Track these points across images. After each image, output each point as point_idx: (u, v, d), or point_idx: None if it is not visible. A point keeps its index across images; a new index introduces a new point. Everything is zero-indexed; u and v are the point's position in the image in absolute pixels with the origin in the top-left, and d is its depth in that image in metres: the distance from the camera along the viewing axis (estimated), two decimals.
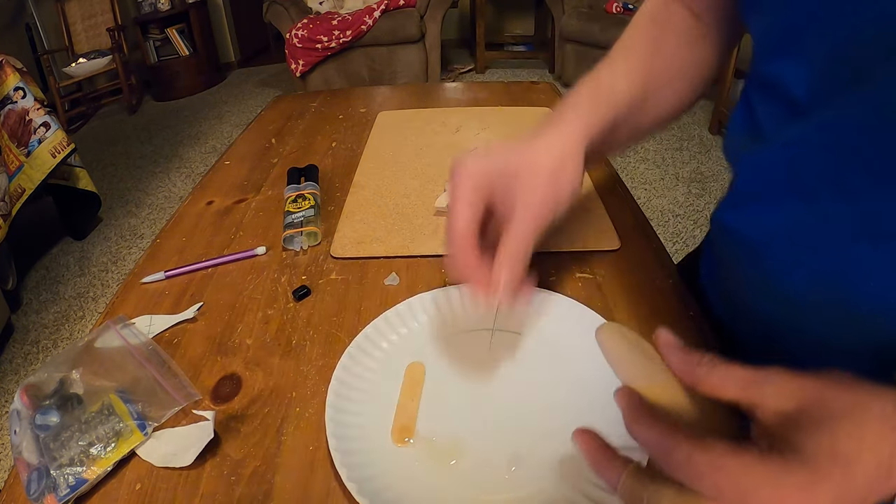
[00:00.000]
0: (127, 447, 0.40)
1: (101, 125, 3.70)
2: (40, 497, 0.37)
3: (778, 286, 0.39)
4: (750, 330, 0.46)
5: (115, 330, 0.50)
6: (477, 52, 3.89)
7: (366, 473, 0.37)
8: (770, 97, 0.38)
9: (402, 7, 3.29)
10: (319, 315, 0.52)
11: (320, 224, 0.65)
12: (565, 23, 3.30)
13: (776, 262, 0.38)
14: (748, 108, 0.41)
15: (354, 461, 0.37)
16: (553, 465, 0.37)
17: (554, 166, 0.39)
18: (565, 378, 0.43)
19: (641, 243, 0.60)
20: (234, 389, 0.46)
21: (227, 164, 0.85)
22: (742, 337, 0.48)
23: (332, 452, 0.38)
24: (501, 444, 0.39)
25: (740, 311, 0.47)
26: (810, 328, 0.39)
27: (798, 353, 0.40)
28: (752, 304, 0.44)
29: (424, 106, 0.99)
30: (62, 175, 2.17)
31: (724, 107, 2.69)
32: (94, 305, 2.01)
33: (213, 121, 3.56)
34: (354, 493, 0.35)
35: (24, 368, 1.77)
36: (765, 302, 0.42)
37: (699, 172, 2.51)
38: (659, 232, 1.64)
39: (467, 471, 0.38)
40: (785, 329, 0.41)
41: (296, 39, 3.18)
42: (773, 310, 0.41)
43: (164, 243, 0.66)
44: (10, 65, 1.98)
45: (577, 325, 0.46)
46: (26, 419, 0.42)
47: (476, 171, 0.39)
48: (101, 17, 3.67)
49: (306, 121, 0.98)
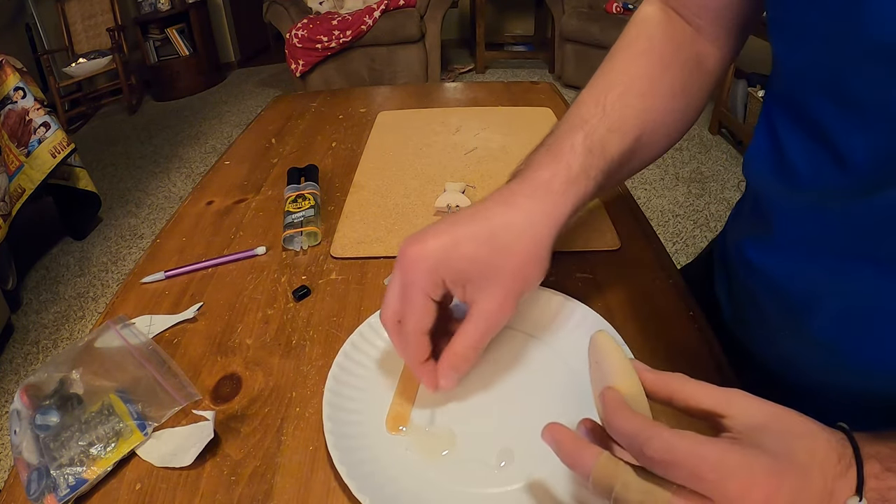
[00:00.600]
0: (127, 447, 0.40)
1: (101, 125, 3.70)
2: (40, 497, 0.37)
3: (799, 325, 0.39)
4: (763, 351, 0.46)
5: (115, 330, 0.50)
6: (477, 52, 3.89)
7: (364, 470, 0.37)
8: (808, 137, 0.34)
9: (402, 7, 3.29)
10: (319, 315, 0.52)
11: (320, 224, 0.65)
12: (565, 23, 3.30)
13: (799, 304, 0.38)
14: (773, 135, 0.37)
15: (353, 458, 0.37)
16: (544, 460, 0.37)
17: (525, 258, 0.36)
18: (558, 374, 0.44)
19: (641, 243, 0.60)
20: (234, 389, 0.46)
21: (227, 164, 0.85)
22: (749, 346, 0.48)
23: (329, 449, 0.38)
24: (493, 439, 0.39)
25: (757, 337, 0.47)
26: (822, 365, 0.39)
27: (804, 381, 0.41)
28: (771, 336, 0.44)
29: (424, 106, 0.99)
30: (62, 175, 2.17)
31: (724, 107, 2.70)
32: (94, 305, 2.01)
33: (213, 121, 3.56)
34: (355, 491, 0.35)
35: (24, 368, 1.77)
36: (785, 336, 0.42)
37: (699, 172, 2.51)
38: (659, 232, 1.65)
39: (459, 463, 0.38)
40: (800, 360, 0.41)
41: (296, 39, 3.18)
42: (792, 346, 0.41)
43: (164, 243, 0.66)
44: (10, 65, 1.98)
45: (572, 322, 0.47)
46: (26, 419, 0.42)
47: (433, 257, 0.35)
48: (101, 17, 3.67)
49: (306, 121, 0.98)
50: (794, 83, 0.35)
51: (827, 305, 0.36)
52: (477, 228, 0.36)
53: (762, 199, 0.41)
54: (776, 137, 0.37)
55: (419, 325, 0.37)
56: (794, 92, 0.35)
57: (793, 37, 0.33)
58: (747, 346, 0.48)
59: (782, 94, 0.37)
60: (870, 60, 0.27)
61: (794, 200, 0.37)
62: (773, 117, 0.38)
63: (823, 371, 0.40)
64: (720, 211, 2.22)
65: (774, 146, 0.37)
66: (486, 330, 0.37)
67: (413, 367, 0.39)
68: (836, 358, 0.38)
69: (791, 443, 0.26)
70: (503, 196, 0.37)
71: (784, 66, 0.36)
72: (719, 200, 2.30)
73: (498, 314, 0.36)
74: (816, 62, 0.32)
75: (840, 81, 0.30)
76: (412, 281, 0.36)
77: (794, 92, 0.35)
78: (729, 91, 2.67)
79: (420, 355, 0.38)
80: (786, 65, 0.36)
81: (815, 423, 0.27)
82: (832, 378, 0.39)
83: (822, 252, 0.36)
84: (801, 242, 0.37)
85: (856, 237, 0.33)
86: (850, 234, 0.33)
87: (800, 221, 0.37)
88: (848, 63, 0.29)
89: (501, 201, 0.37)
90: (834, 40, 0.29)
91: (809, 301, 0.38)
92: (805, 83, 0.34)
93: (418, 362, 0.38)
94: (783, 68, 0.36)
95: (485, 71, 3.97)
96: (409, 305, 0.36)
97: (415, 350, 0.37)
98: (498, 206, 0.37)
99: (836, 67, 0.30)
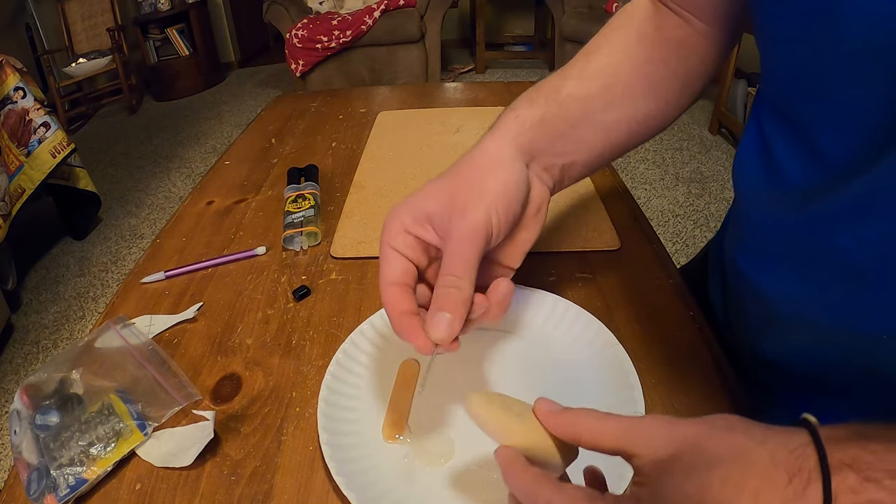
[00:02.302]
0: (127, 447, 0.40)
1: (101, 125, 3.70)
2: (40, 497, 0.37)
3: (785, 336, 0.39)
4: (755, 352, 0.46)
5: (115, 330, 0.50)
6: (477, 52, 3.89)
7: (355, 468, 0.37)
8: (792, 137, 0.34)
9: (402, 7, 3.29)
10: (319, 315, 0.52)
11: (320, 224, 0.65)
12: (565, 23, 3.30)
13: (785, 314, 0.38)
14: (761, 136, 0.37)
15: (351, 469, 0.37)
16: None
17: (483, 173, 0.36)
18: (557, 380, 0.43)
19: (641, 243, 0.60)
20: (234, 389, 0.46)
21: (227, 164, 0.85)
22: (747, 347, 0.48)
23: (322, 447, 0.38)
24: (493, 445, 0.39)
25: (745, 342, 0.47)
26: (812, 373, 0.39)
27: (800, 372, 0.40)
28: (758, 342, 0.44)
29: (424, 106, 0.99)
30: (62, 175, 2.17)
31: (724, 107, 2.69)
32: (94, 305, 2.01)
33: (213, 121, 3.55)
34: (343, 488, 0.35)
35: (24, 368, 1.77)
36: (770, 343, 0.42)
37: (699, 172, 2.51)
38: (659, 232, 1.65)
39: (458, 471, 0.38)
40: (790, 368, 0.41)
41: (296, 39, 3.18)
42: (779, 351, 0.41)
43: (164, 243, 0.66)
44: (10, 65, 1.98)
45: (572, 327, 0.46)
46: (26, 419, 0.42)
47: (397, 209, 0.36)
48: (101, 17, 3.67)
49: (306, 121, 0.98)
50: (778, 84, 0.35)
51: (811, 318, 0.35)
52: (440, 177, 0.37)
53: (750, 207, 0.41)
54: (764, 139, 0.37)
55: (386, 276, 0.35)
56: (779, 92, 0.35)
57: (775, 37, 0.33)
58: (737, 349, 0.48)
59: (769, 95, 0.37)
60: (850, 59, 0.27)
61: (780, 207, 0.36)
62: (762, 119, 0.37)
63: (802, 386, 0.40)
64: (720, 211, 2.22)
65: (763, 148, 0.37)
66: (464, 256, 0.33)
67: (392, 321, 0.35)
68: (823, 364, 0.37)
69: (703, 479, 0.22)
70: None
71: (768, 67, 0.36)
72: (719, 200, 2.30)
73: (472, 235, 0.33)
74: (798, 62, 0.32)
75: (820, 80, 0.30)
76: (381, 239, 0.36)
77: (779, 92, 0.35)
78: (729, 91, 2.66)
79: (393, 306, 0.35)
80: (770, 65, 0.36)
81: (750, 435, 0.23)
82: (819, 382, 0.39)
83: (804, 263, 0.35)
84: (783, 252, 0.37)
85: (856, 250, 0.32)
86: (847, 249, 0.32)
87: (783, 230, 0.36)
88: (828, 62, 0.29)
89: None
90: (815, 40, 0.29)
91: (793, 311, 0.37)
92: (788, 83, 0.34)
93: (394, 314, 0.34)
94: (768, 69, 0.36)
95: (485, 71, 3.97)
96: (380, 261, 0.36)
97: (387, 300, 0.35)
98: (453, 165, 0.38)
99: (816, 67, 0.30)
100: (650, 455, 0.25)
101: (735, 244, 0.44)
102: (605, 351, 0.44)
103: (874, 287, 0.30)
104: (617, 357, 0.43)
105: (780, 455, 0.22)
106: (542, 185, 0.39)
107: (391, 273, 0.35)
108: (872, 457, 0.21)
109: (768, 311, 0.39)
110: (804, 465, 0.21)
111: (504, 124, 0.40)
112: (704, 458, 0.23)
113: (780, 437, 0.23)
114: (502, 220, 0.35)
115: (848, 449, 0.21)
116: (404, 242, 0.35)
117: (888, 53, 0.25)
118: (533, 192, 0.38)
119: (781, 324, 0.39)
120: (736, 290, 0.46)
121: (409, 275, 0.36)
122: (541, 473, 0.27)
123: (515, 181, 0.36)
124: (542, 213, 0.39)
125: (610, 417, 0.27)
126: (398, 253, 0.35)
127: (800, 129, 0.33)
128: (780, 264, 0.37)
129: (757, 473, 0.22)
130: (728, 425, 0.24)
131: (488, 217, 0.34)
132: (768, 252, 0.39)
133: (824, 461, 0.21)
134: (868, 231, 0.29)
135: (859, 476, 0.20)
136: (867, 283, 0.30)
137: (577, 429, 0.28)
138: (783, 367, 0.41)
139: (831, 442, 0.22)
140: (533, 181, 0.38)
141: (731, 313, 0.49)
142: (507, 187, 0.35)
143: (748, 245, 0.41)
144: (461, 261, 0.33)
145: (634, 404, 0.39)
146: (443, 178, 0.37)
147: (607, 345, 0.44)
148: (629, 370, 0.41)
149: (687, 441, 0.24)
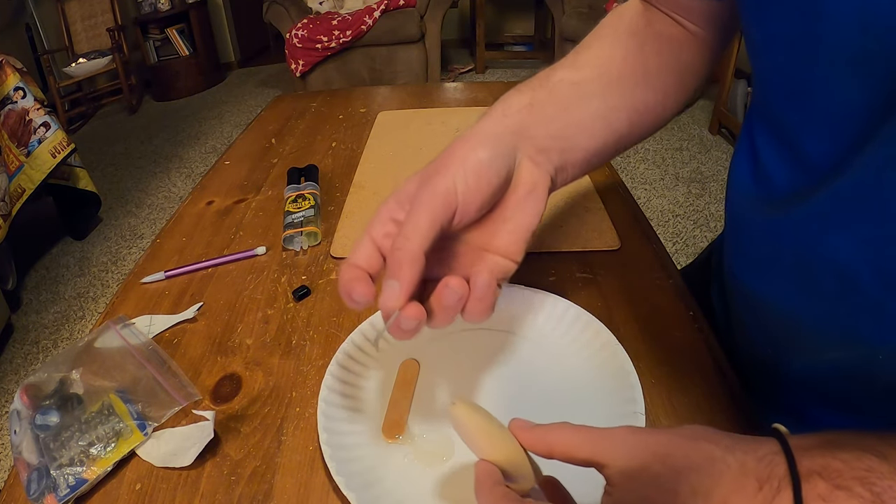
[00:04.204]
0: (127, 447, 0.40)
1: (101, 125, 3.70)
2: (40, 497, 0.37)
3: (782, 343, 0.39)
4: (756, 358, 0.46)
5: (115, 330, 0.50)
6: (477, 52, 3.89)
7: (355, 468, 0.37)
8: (779, 143, 0.34)
9: (402, 7, 3.29)
10: (319, 315, 0.52)
11: (320, 224, 0.65)
12: (565, 23, 3.30)
13: (782, 322, 0.37)
14: (752, 143, 0.37)
15: (350, 469, 0.37)
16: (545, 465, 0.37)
17: (456, 149, 0.34)
18: (557, 380, 0.43)
19: (641, 243, 0.60)
20: (234, 389, 0.46)
21: (227, 164, 0.85)
22: (747, 352, 0.48)
23: (322, 447, 0.38)
24: None
25: (745, 348, 0.47)
26: (810, 381, 0.39)
27: (799, 379, 0.40)
28: (758, 348, 0.44)
29: (424, 106, 0.99)
30: (62, 175, 2.17)
31: (724, 107, 2.69)
32: (94, 305, 2.01)
33: (213, 121, 3.55)
34: (343, 488, 0.35)
35: (24, 368, 1.77)
36: (769, 350, 0.42)
37: (699, 172, 2.51)
38: (659, 232, 1.65)
39: (458, 471, 0.38)
40: (789, 375, 0.41)
41: (296, 39, 3.18)
42: (777, 358, 0.41)
43: (164, 243, 0.66)
44: (10, 65, 1.98)
45: (572, 327, 0.46)
46: (26, 419, 0.42)
47: (392, 199, 0.35)
48: (101, 17, 3.67)
49: (306, 121, 0.98)
50: (764, 88, 0.35)
51: (807, 325, 0.35)
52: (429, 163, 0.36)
53: (741, 213, 0.41)
54: (753, 144, 0.37)
55: (349, 258, 0.34)
56: (765, 97, 0.35)
57: (758, 42, 0.34)
58: (738, 354, 0.48)
59: (757, 101, 0.37)
60: (830, 65, 0.27)
61: (768, 212, 0.36)
62: (752, 124, 0.38)
63: (802, 393, 0.40)
64: (720, 211, 2.22)
65: (752, 153, 0.37)
66: (415, 219, 0.31)
67: (340, 288, 0.33)
68: (808, 391, 0.37)
69: (672, 485, 0.22)
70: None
71: (755, 72, 0.36)
72: (719, 200, 2.30)
73: (430, 199, 0.32)
74: (780, 67, 0.32)
75: (803, 85, 0.30)
76: (368, 228, 0.35)
77: (765, 97, 0.35)
78: (729, 91, 2.66)
79: (343, 279, 0.33)
80: (757, 71, 0.36)
81: (720, 444, 0.24)
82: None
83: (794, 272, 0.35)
84: (775, 259, 0.37)
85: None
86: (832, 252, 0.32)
87: (773, 236, 0.36)
88: (809, 68, 0.29)
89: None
90: (795, 46, 0.29)
91: (790, 325, 0.37)
92: (772, 88, 0.34)
93: (341, 281, 0.32)
94: (755, 74, 0.36)
95: (485, 71, 3.97)
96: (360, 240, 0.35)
97: (340, 276, 0.33)
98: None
99: (798, 72, 0.30)
100: (619, 465, 0.25)
101: (731, 251, 0.44)
102: (604, 351, 0.44)
103: (868, 295, 0.29)
104: (617, 357, 0.43)
105: (750, 463, 0.22)
106: (536, 168, 0.37)
107: (353, 256, 0.34)
108: (842, 465, 0.21)
109: (765, 318, 0.39)
110: (774, 472, 0.21)
111: (491, 110, 0.40)
112: (673, 467, 0.23)
113: (749, 446, 0.23)
114: (471, 188, 0.32)
115: (817, 457, 0.21)
116: (383, 231, 0.34)
117: (868, 59, 0.25)
118: (522, 172, 0.36)
119: (779, 332, 0.39)
120: (735, 298, 0.46)
121: (372, 261, 0.34)
122: (506, 492, 0.27)
123: (491, 153, 0.34)
124: (539, 196, 0.36)
125: (581, 430, 0.27)
126: (371, 240, 0.34)
127: (785, 133, 0.33)
128: (774, 272, 0.37)
129: (727, 481, 0.21)
130: (695, 434, 0.25)
131: (452, 183, 0.32)
132: (762, 260, 0.39)
133: (794, 468, 0.21)
134: (856, 235, 0.29)
135: (829, 484, 0.20)
136: (861, 290, 0.30)
137: (548, 442, 0.28)
138: (783, 373, 0.41)
139: (800, 450, 0.22)
140: (523, 161, 0.37)
141: (731, 319, 0.49)
142: (479, 157, 0.33)
143: (742, 252, 0.41)
144: (411, 224, 0.31)
145: (634, 404, 0.39)
146: (429, 163, 0.36)
147: (607, 345, 0.44)
148: (629, 370, 0.41)
149: (654, 451, 0.24)
